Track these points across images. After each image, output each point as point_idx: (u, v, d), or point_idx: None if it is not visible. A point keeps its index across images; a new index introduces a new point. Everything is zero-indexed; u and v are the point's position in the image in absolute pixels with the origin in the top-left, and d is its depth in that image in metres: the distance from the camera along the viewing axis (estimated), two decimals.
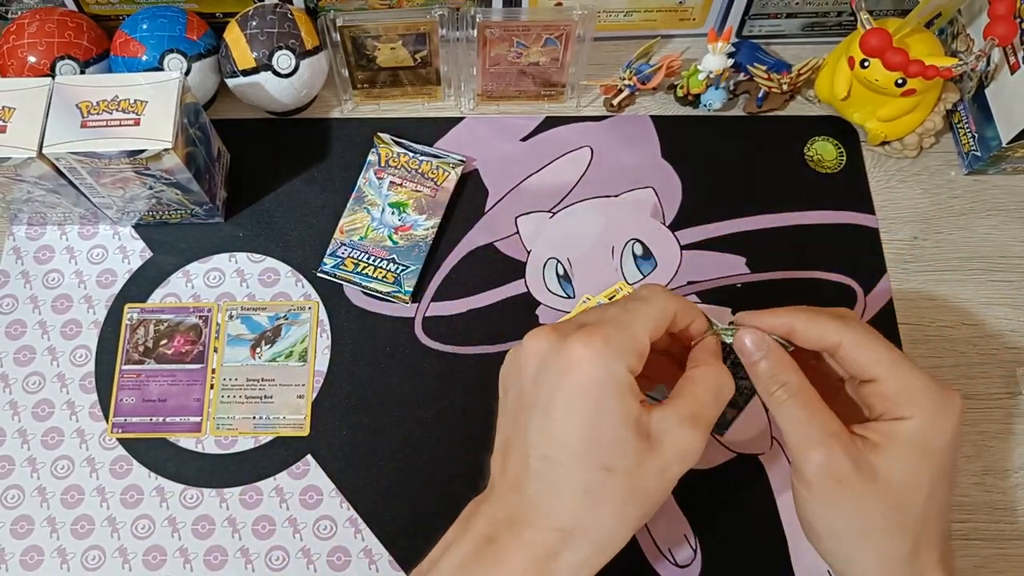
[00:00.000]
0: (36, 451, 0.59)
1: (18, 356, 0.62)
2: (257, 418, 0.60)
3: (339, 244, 0.65)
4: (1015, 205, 0.68)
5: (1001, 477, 0.59)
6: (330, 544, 0.57)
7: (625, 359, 0.38)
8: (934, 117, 0.66)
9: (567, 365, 0.38)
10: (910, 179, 0.69)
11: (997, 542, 0.57)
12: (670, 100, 0.72)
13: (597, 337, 0.38)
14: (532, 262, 0.65)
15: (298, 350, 0.62)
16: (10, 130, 0.54)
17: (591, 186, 0.68)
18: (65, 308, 0.63)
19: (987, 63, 0.65)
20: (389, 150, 0.68)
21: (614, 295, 0.62)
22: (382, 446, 0.59)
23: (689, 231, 0.66)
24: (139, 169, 0.56)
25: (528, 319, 0.63)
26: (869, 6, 0.67)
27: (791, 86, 0.69)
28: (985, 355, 0.63)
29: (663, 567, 0.56)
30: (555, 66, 0.68)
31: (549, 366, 0.39)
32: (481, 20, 0.63)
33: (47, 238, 0.66)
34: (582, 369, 0.38)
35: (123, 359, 0.62)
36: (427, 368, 0.62)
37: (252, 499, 0.58)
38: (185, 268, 0.65)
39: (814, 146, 0.70)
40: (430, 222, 0.65)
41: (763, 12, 0.70)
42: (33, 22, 0.63)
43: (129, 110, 0.55)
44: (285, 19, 0.64)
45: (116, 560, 0.56)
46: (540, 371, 0.39)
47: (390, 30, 0.65)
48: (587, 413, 0.38)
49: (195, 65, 0.64)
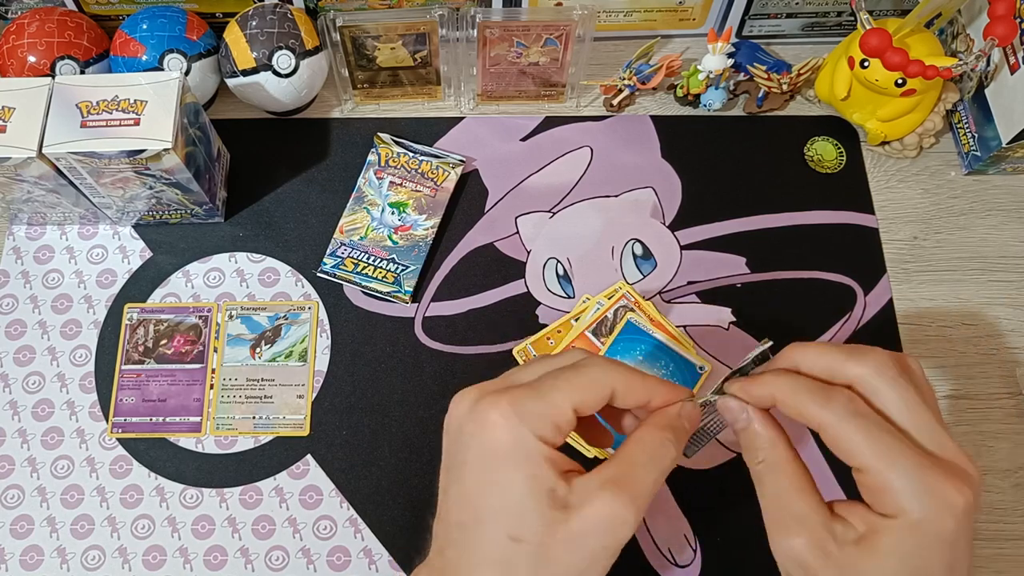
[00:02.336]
0: (36, 451, 0.59)
1: (18, 356, 0.62)
2: (257, 418, 0.60)
3: (339, 244, 0.65)
4: (1015, 205, 0.68)
5: (1001, 477, 0.59)
6: (330, 544, 0.57)
7: (537, 428, 0.36)
8: (934, 117, 0.66)
9: (478, 430, 0.37)
10: (910, 179, 0.69)
11: (997, 542, 0.57)
12: (670, 100, 0.72)
13: (507, 403, 0.36)
14: (532, 262, 0.65)
15: (298, 350, 0.62)
16: (10, 130, 0.54)
17: (591, 186, 0.68)
18: (65, 308, 0.63)
19: (987, 63, 0.65)
20: (389, 150, 0.68)
21: (613, 295, 0.63)
22: (382, 446, 0.59)
23: (689, 231, 0.66)
24: (139, 169, 0.56)
25: (528, 319, 0.63)
26: (869, 6, 0.67)
27: (791, 86, 0.69)
28: (985, 355, 0.63)
29: (663, 567, 0.56)
30: (555, 66, 0.68)
31: (464, 429, 0.37)
32: (481, 20, 0.63)
33: (47, 238, 0.66)
34: (492, 435, 0.36)
35: (123, 359, 0.62)
36: (427, 368, 0.62)
37: (252, 499, 0.58)
38: (185, 268, 0.65)
39: (814, 146, 0.70)
40: (430, 222, 0.65)
41: (763, 12, 0.70)
42: (33, 22, 0.63)
43: (129, 110, 0.55)
44: (285, 19, 0.64)
45: (116, 560, 0.56)
46: (459, 433, 0.38)
47: (390, 30, 0.65)
48: (494, 481, 0.36)
49: (195, 65, 0.64)
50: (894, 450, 0.35)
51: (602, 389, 0.38)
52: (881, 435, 0.35)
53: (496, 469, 0.36)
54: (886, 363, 0.37)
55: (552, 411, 0.36)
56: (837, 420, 0.36)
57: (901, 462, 0.34)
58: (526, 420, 0.36)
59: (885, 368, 0.37)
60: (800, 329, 0.63)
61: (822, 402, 0.36)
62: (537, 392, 0.37)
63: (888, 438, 0.35)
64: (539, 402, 0.36)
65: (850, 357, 0.37)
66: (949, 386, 0.62)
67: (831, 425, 0.36)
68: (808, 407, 0.36)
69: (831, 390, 0.37)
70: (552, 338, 0.62)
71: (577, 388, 0.37)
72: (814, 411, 0.36)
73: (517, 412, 0.36)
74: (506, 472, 0.36)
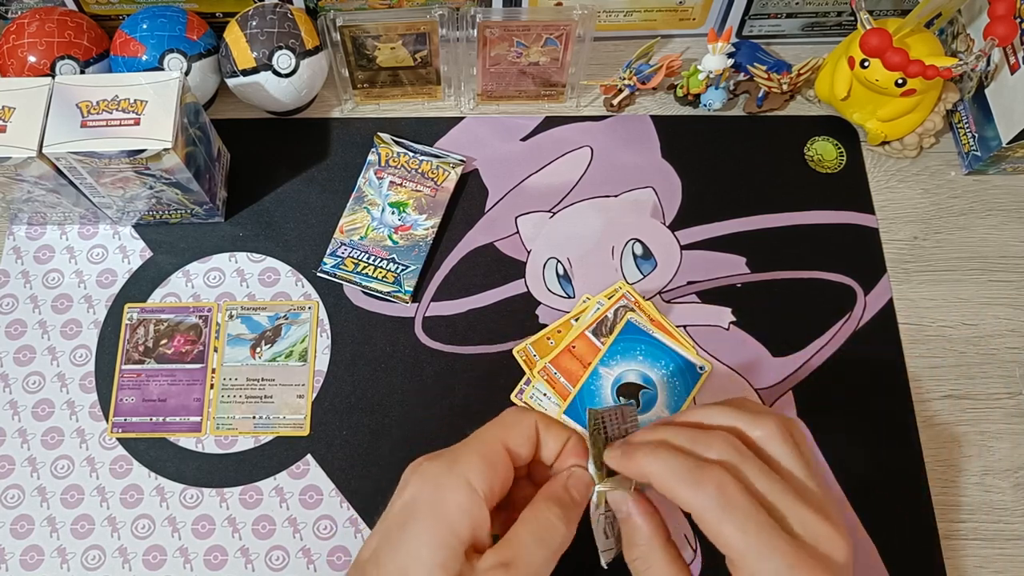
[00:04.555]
0: (36, 451, 0.59)
1: (18, 356, 0.62)
2: (257, 418, 0.60)
3: (339, 244, 0.65)
4: (1015, 205, 0.68)
5: (1001, 477, 0.59)
6: (330, 544, 0.57)
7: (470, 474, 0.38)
8: (934, 117, 0.66)
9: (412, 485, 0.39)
10: (910, 179, 0.69)
11: (997, 542, 0.57)
12: (670, 100, 0.72)
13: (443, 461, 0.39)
14: (532, 262, 0.65)
15: (298, 350, 0.62)
16: (10, 130, 0.54)
17: (591, 186, 0.68)
18: (65, 308, 0.63)
19: (987, 63, 0.65)
20: (389, 150, 0.68)
21: (613, 295, 0.63)
22: (382, 446, 0.59)
23: (689, 231, 0.66)
24: (139, 169, 0.56)
25: (528, 319, 0.63)
26: (869, 6, 0.67)
27: (791, 86, 0.69)
28: (985, 355, 0.63)
29: None
30: (555, 66, 0.68)
31: (406, 482, 0.40)
32: (481, 20, 0.63)
33: (47, 238, 0.66)
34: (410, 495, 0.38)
35: (123, 359, 0.62)
36: (427, 368, 0.62)
37: (252, 499, 0.58)
38: (185, 268, 0.65)
39: (814, 146, 0.70)
40: (430, 222, 0.65)
41: (763, 12, 0.70)
42: (33, 22, 0.63)
43: (129, 110, 0.55)
44: (285, 19, 0.64)
45: (116, 560, 0.56)
46: (400, 487, 0.40)
47: (390, 30, 0.65)
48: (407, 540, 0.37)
49: (195, 65, 0.64)
50: (764, 542, 0.35)
51: (527, 426, 0.40)
52: (750, 526, 0.35)
53: (409, 523, 0.37)
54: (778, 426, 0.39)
55: (484, 450, 0.39)
56: (707, 508, 0.36)
57: (770, 555, 0.35)
58: (458, 467, 0.38)
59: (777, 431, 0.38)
60: (800, 329, 0.63)
61: (693, 487, 0.36)
62: (467, 442, 0.39)
63: (757, 530, 0.35)
64: (469, 448, 0.39)
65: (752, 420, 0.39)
66: (949, 386, 0.62)
67: (702, 512, 0.36)
68: (680, 491, 0.37)
69: (702, 473, 0.36)
70: (552, 338, 0.62)
71: (502, 427, 0.40)
72: (686, 496, 0.36)
73: (449, 464, 0.38)
74: (415, 529, 0.37)
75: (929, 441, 0.60)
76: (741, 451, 0.38)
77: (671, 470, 0.37)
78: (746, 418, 0.39)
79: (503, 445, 0.39)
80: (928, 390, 0.61)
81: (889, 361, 0.62)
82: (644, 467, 0.38)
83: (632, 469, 0.39)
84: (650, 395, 0.59)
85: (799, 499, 0.36)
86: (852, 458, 0.59)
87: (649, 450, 0.38)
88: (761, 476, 0.37)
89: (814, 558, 0.35)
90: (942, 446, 0.60)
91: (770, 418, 0.39)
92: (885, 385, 0.61)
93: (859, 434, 0.60)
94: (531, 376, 0.60)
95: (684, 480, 0.36)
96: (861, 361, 0.61)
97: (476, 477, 0.38)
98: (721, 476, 0.36)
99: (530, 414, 0.41)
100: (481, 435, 0.40)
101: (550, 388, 0.59)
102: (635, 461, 0.38)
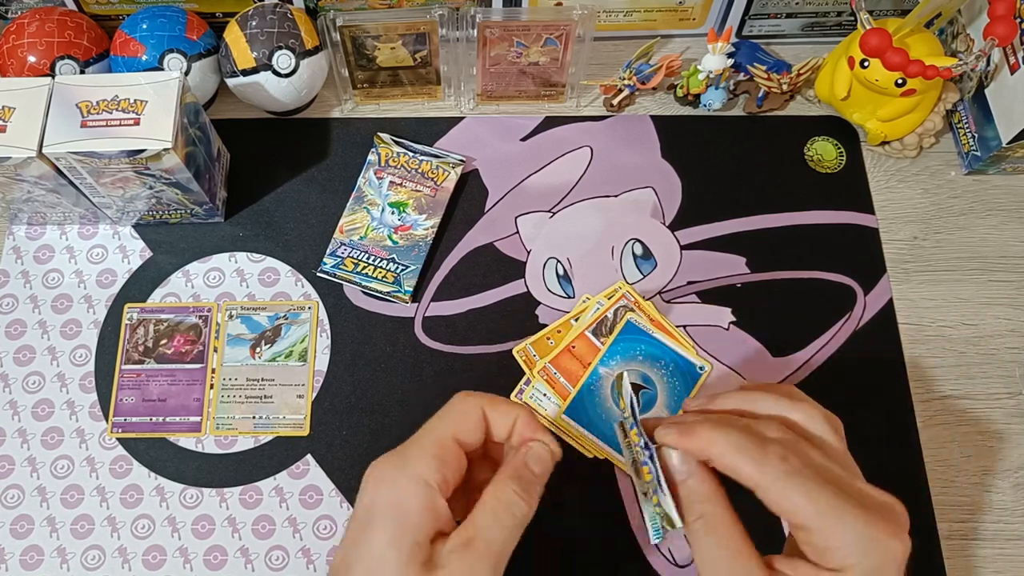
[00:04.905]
0: (36, 451, 0.59)
1: (18, 356, 0.62)
2: (257, 418, 0.60)
3: (339, 244, 0.65)
4: (1015, 205, 0.68)
5: (1001, 477, 0.59)
6: (330, 544, 0.57)
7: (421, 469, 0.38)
8: (934, 117, 0.66)
9: (369, 487, 0.39)
10: (910, 179, 0.69)
11: (997, 542, 0.57)
12: (670, 100, 0.72)
13: (393, 459, 0.39)
14: (532, 262, 0.65)
15: (298, 350, 0.62)
16: (10, 130, 0.54)
17: (591, 186, 0.68)
18: (65, 308, 0.63)
19: (987, 63, 0.65)
20: (389, 150, 0.68)
21: (613, 295, 0.63)
22: (382, 446, 0.58)
23: (689, 231, 0.66)
24: (139, 169, 0.56)
25: (528, 319, 0.63)
26: (869, 6, 0.67)
27: (791, 86, 0.69)
28: (985, 355, 0.63)
29: (663, 566, 0.56)
30: (555, 66, 0.68)
31: (364, 485, 0.40)
32: (481, 20, 0.63)
33: (47, 238, 0.66)
34: (375, 493, 0.39)
35: (123, 359, 0.62)
36: (427, 368, 0.62)
37: (252, 499, 0.58)
38: (185, 268, 0.65)
39: (814, 146, 0.70)
40: (430, 222, 0.65)
41: (763, 12, 0.70)
42: (33, 22, 0.63)
43: (129, 110, 0.55)
44: (285, 19, 0.64)
45: (116, 560, 0.56)
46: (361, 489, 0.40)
47: (390, 30, 0.65)
48: (370, 541, 0.38)
49: (195, 65, 0.64)
50: (836, 507, 0.35)
51: (474, 412, 0.41)
52: (820, 494, 0.36)
53: (373, 531, 0.38)
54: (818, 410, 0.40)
55: (431, 445, 0.39)
56: (772, 480, 0.36)
57: (844, 518, 0.35)
58: (409, 465, 0.39)
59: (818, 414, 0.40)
60: (800, 329, 0.63)
61: (758, 461, 0.36)
62: (416, 438, 0.40)
63: (827, 495, 0.36)
64: (418, 444, 0.40)
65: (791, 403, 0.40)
66: (949, 386, 0.62)
67: (770, 484, 0.36)
68: (744, 466, 0.37)
69: (765, 447, 0.37)
70: (552, 338, 0.62)
71: (448, 418, 0.41)
72: (750, 470, 0.37)
73: (401, 463, 0.39)
74: (377, 531, 0.38)
75: (929, 441, 0.60)
76: (794, 431, 0.39)
77: (735, 445, 0.37)
78: (786, 403, 0.40)
79: (452, 438, 0.40)
80: (928, 390, 0.61)
81: (889, 361, 0.62)
82: (707, 442, 0.38)
83: (693, 444, 0.39)
84: (650, 395, 0.59)
85: (852, 473, 0.38)
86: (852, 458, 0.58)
87: (712, 426, 0.39)
88: (815, 452, 0.38)
89: (884, 520, 0.36)
90: (942, 446, 0.60)
91: (808, 403, 0.40)
92: (885, 385, 0.61)
93: (859, 434, 0.59)
94: (531, 376, 0.60)
95: (749, 454, 0.37)
96: (861, 361, 0.61)
97: (429, 473, 0.38)
98: (782, 450, 0.37)
99: (475, 400, 0.41)
100: (430, 429, 0.41)
101: (550, 388, 0.59)
102: (697, 436, 0.39)
